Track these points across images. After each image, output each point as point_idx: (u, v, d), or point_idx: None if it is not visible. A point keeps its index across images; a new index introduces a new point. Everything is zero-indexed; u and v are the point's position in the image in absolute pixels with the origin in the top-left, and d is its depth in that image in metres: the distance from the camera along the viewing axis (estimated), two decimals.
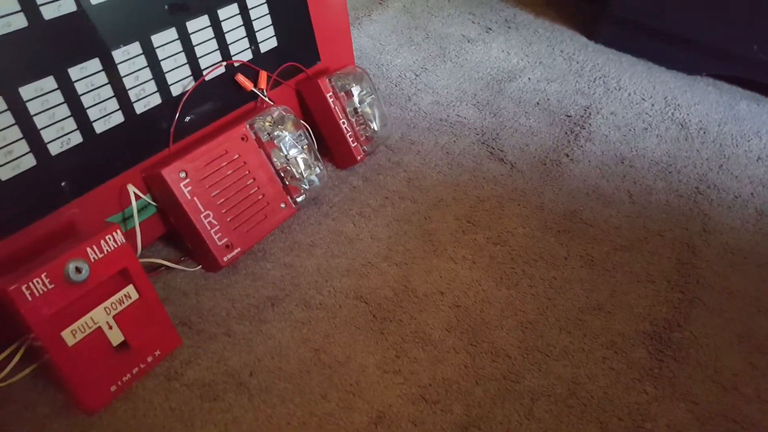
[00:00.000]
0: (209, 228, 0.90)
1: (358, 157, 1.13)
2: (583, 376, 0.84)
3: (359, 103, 1.13)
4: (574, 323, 0.91)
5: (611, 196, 1.17)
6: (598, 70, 1.53)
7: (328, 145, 1.15)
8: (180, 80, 0.92)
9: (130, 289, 0.76)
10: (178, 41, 0.90)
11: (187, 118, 0.94)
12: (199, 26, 0.92)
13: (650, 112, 1.40)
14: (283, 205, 0.99)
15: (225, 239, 0.91)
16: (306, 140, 1.01)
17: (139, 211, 0.88)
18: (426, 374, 0.82)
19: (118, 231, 0.74)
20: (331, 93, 1.09)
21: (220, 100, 0.99)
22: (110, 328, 0.74)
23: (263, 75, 1.03)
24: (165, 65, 0.89)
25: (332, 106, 1.09)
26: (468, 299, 0.93)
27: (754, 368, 0.88)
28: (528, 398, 0.81)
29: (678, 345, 0.90)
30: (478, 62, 1.51)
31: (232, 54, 0.99)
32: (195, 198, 0.88)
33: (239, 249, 0.93)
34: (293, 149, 1.00)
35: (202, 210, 0.89)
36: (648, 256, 1.04)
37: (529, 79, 1.47)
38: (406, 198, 1.11)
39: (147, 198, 0.90)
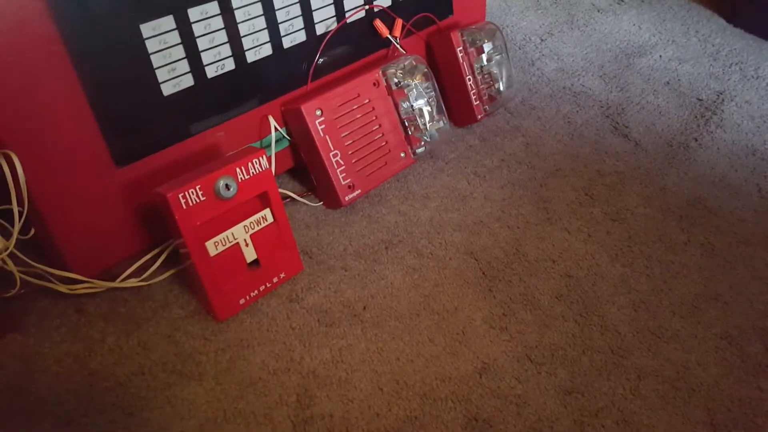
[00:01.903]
0: (336, 167, 0.92)
1: (479, 116, 1.12)
2: (693, 362, 0.82)
3: (487, 61, 1.11)
4: (688, 309, 0.88)
5: (739, 188, 1.10)
6: (735, 55, 1.43)
7: (450, 100, 1.14)
8: (324, 20, 0.94)
9: (267, 212, 0.80)
10: None
11: (327, 58, 0.96)
12: None
13: None
14: (402, 155, 1.01)
15: (348, 179, 0.94)
16: (433, 93, 1.01)
17: (276, 141, 0.92)
18: (533, 336, 0.83)
19: (264, 156, 0.78)
20: (461, 47, 1.08)
21: (358, 43, 1.00)
22: (246, 245, 0.78)
23: (399, 22, 1.03)
24: (313, 3, 0.91)
25: (461, 61, 1.08)
26: (581, 271, 0.92)
27: None
28: (635, 375, 0.80)
29: None
30: (607, 33, 1.44)
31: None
32: (327, 136, 0.91)
33: (360, 190, 0.95)
34: (420, 100, 1.00)
35: (332, 149, 0.92)
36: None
37: (660, 56, 1.39)
38: (523, 163, 1.10)
39: (282, 131, 0.93)
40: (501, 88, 1.12)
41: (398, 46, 1.03)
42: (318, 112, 0.90)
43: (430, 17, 1.09)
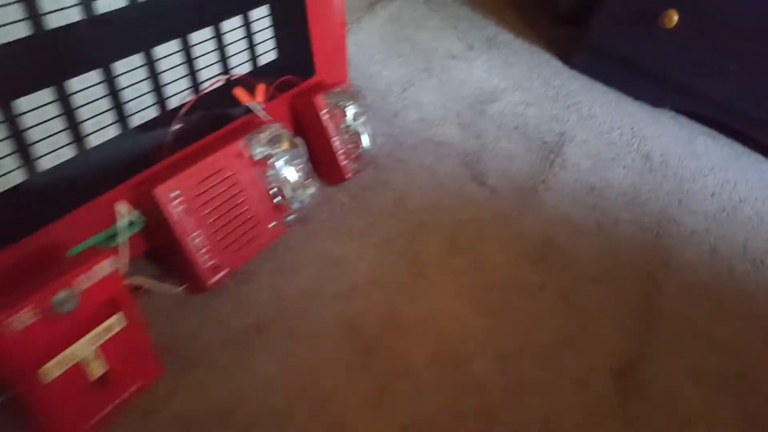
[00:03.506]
0: (197, 249, 0.82)
1: (348, 175, 1.07)
2: (555, 413, 0.83)
3: (352, 120, 1.06)
4: (548, 357, 0.90)
5: (582, 225, 1.15)
6: (572, 96, 1.50)
7: (319, 160, 1.08)
8: (178, 93, 0.83)
9: (116, 318, 0.68)
10: (180, 53, 0.81)
11: (184, 132, 0.85)
12: (201, 38, 0.83)
13: (618, 142, 1.39)
14: (272, 225, 0.93)
15: (213, 260, 0.84)
16: (300, 159, 0.94)
17: (126, 228, 0.80)
18: (408, 410, 0.79)
19: (110, 259, 0.66)
20: (326, 110, 1.02)
21: (218, 113, 0.90)
22: (93, 360, 0.66)
23: (261, 88, 0.95)
24: (164, 77, 0.80)
25: (326, 123, 1.02)
26: (450, 328, 0.90)
27: (706, 403, 0.88)
28: None
29: (642, 382, 0.89)
30: (462, 80, 1.46)
31: (232, 66, 0.90)
32: (186, 218, 0.81)
33: (227, 270, 0.86)
34: (287, 168, 0.93)
35: (192, 230, 0.82)
36: (616, 289, 1.03)
37: (509, 101, 1.43)
38: (393, 218, 1.06)
39: (134, 215, 0.81)
40: (367, 147, 1.07)
41: (261, 113, 0.94)
42: (174, 193, 0.80)
43: (293, 80, 1.02)
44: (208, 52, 0.85)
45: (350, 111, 1.04)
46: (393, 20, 1.62)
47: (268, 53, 0.95)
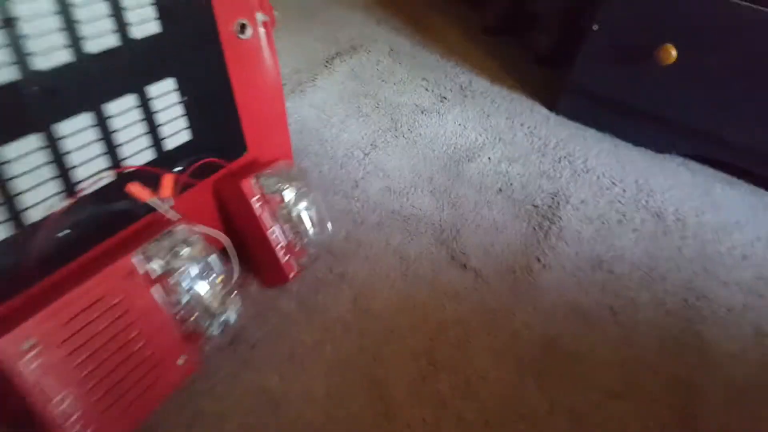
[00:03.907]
0: (64, 420, 0.58)
1: (291, 274, 0.84)
2: None
3: (293, 206, 0.84)
4: None
5: (593, 315, 0.92)
6: (562, 147, 1.30)
7: (253, 258, 0.85)
8: (42, 201, 0.61)
9: None
10: (41, 151, 0.59)
11: (51, 251, 0.63)
12: (74, 128, 0.61)
13: (622, 199, 1.18)
14: (181, 361, 0.69)
15: (89, 429, 0.60)
16: (217, 269, 0.71)
17: None
18: None
19: None
20: (257, 197, 0.80)
21: (106, 219, 0.68)
22: None
23: (168, 180, 0.73)
24: (19, 184, 0.58)
25: (258, 212, 0.80)
26: None
27: None
28: None
29: None
30: (432, 137, 1.25)
31: (125, 157, 0.68)
32: (46, 378, 0.57)
33: None
34: (200, 283, 0.70)
35: (56, 394, 0.58)
36: (644, 406, 0.80)
37: (489, 158, 1.22)
38: (351, 329, 0.83)
39: None
40: (313, 236, 0.85)
41: (167, 212, 0.72)
42: (28, 344, 0.56)
43: (216, 162, 0.80)
44: (87, 144, 0.63)
45: (288, 194, 0.82)
46: (353, 76, 1.43)
47: (178, 134, 0.74)
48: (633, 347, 0.88)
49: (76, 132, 0.61)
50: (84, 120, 0.62)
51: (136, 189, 0.69)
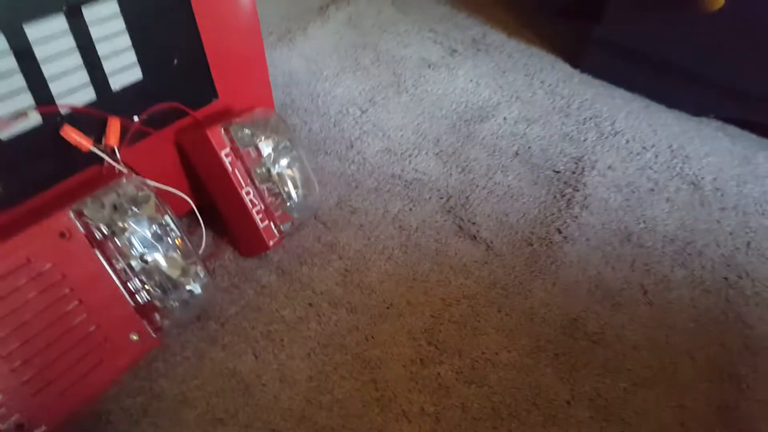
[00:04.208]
0: None
1: (270, 242, 0.74)
2: None
3: (273, 163, 0.74)
4: None
5: (621, 293, 0.82)
6: (587, 108, 1.18)
7: (228, 225, 0.75)
8: None
9: None
10: None
11: None
12: None
13: (654, 165, 1.06)
14: (135, 336, 0.59)
15: (14, 416, 0.51)
16: (174, 231, 0.61)
17: None
18: None
19: None
20: (227, 150, 0.70)
21: (35, 167, 0.58)
22: None
23: (114, 125, 0.62)
24: None
25: (229, 169, 0.70)
26: None
27: None
28: None
29: None
30: (441, 95, 1.14)
31: (56, 94, 0.58)
32: None
33: (44, 427, 0.52)
34: (155, 248, 0.60)
35: None
36: (678, 395, 0.70)
37: (504, 118, 1.11)
38: (340, 305, 0.73)
39: None
40: (296, 199, 0.75)
41: (114, 163, 0.62)
42: None
43: (178, 107, 0.70)
44: (4, 74, 0.53)
45: (265, 147, 0.71)
46: (351, 25, 1.31)
47: (125, 72, 0.63)
48: (665, 330, 0.78)
49: None
50: None
51: (73, 135, 0.59)
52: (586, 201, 0.95)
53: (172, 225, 0.60)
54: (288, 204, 0.74)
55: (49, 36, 0.54)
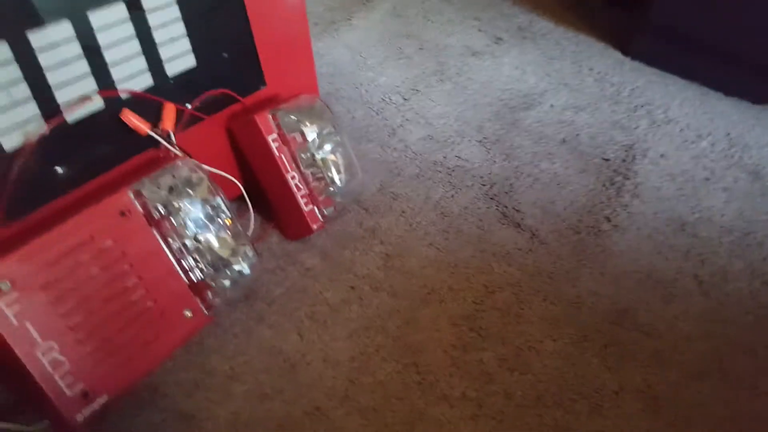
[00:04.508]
0: (51, 372, 0.53)
1: (314, 226, 0.77)
2: None
3: (317, 148, 0.76)
4: None
5: (674, 284, 0.81)
6: (638, 95, 1.16)
7: (274, 206, 0.79)
8: (16, 125, 0.56)
9: None
10: (15, 65, 0.54)
11: (31, 186, 0.58)
12: (51, 39, 0.55)
13: (711, 155, 1.04)
14: (188, 313, 0.63)
15: (80, 385, 0.55)
16: (225, 213, 0.65)
17: None
18: None
19: None
20: (275, 135, 0.73)
21: (97, 150, 0.62)
22: None
23: (170, 110, 0.67)
24: None
25: (276, 153, 0.73)
26: None
27: None
28: None
29: None
30: (485, 82, 1.14)
31: (117, 79, 0.62)
32: (26, 324, 0.52)
33: (105, 396, 0.57)
34: (208, 228, 0.63)
35: (39, 342, 0.53)
36: (733, 390, 0.68)
37: (551, 106, 1.10)
38: (382, 288, 0.75)
39: None
40: (339, 184, 0.77)
41: (170, 146, 0.66)
42: (4, 286, 0.52)
43: (228, 94, 0.73)
44: (67, 61, 0.58)
45: (310, 133, 0.74)
46: (395, 15, 1.33)
47: (180, 58, 0.67)
48: (722, 323, 0.76)
49: (54, 44, 0.55)
50: (63, 29, 0.56)
51: (132, 118, 0.63)
52: (637, 189, 0.94)
53: (223, 207, 0.64)
54: (331, 189, 0.77)
55: (111, 23, 0.58)
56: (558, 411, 0.65)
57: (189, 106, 0.69)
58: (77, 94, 0.59)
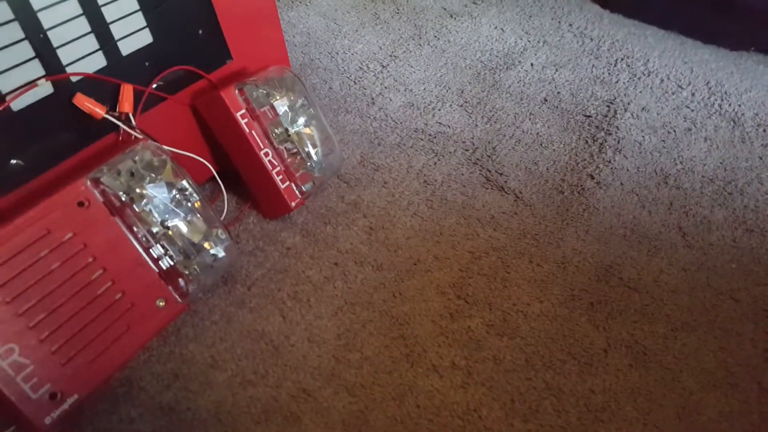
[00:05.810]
0: (13, 375, 0.47)
1: (292, 203, 0.70)
2: None
3: (290, 122, 0.69)
4: None
5: (658, 237, 0.74)
6: (618, 48, 1.07)
7: (250, 188, 0.71)
8: None
9: None
10: None
11: None
12: None
13: (691, 104, 0.96)
14: (161, 303, 0.57)
15: (46, 386, 0.49)
16: (193, 196, 0.58)
17: None
18: None
19: None
20: (243, 110, 0.65)
21: (52, 138, 0.55)
22: None
23: (127, 90, 0.58)
24: None
25: (246, 130, 0.65)
26: None
27: None
28: None
29: None
30: (464, 44, 1.05)
31: (66, 62, 0.54)
32: None
33: (76, 396, 0.51)
34: (172, 213, 0.56)
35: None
36: (720, 338, 0.63)
37: (531, 65, 1.02)
38: (366, 262, 0.68)
39: None
40: (315, 158, 0.70)
41: (130, 129, 0.58)
42: None
43: (191, 70, 0.65)
44: (9, 46, 0.49)
45: (281, 106, 0.66)
46: None
47: (135, 35, 0.59)
48: (706, 272, 0.70)
49: None
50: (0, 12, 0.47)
51: (85, 102, 0.55)
52: (619, 144, 0.86)
53: (191, 189, 0.57)
54: (308, 164, 0.70)
55: (55, 2, 0.50)
56: (548, 373, 0.60)
57: (150, 86, 0.60)
58: (22, 80, 0.51)
